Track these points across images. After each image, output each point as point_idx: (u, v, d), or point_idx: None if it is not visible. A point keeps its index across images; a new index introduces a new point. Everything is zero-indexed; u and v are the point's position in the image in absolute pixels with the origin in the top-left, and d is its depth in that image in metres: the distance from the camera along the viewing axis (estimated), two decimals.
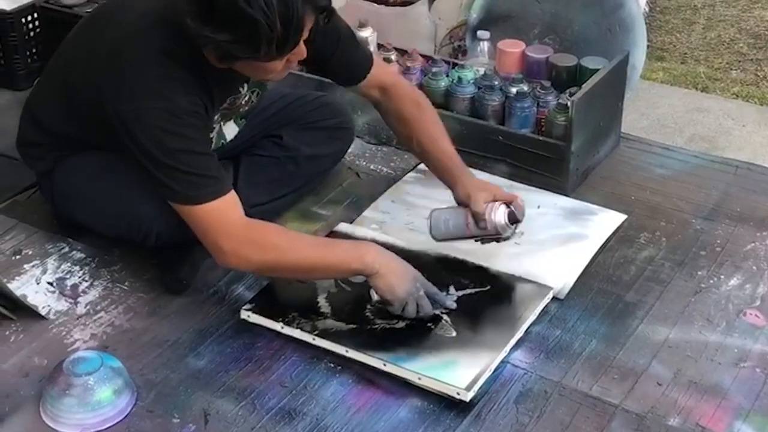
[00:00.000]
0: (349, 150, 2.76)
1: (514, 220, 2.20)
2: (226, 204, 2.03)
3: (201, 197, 2.01)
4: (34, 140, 2.33)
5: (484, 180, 2.33)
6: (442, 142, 2.33)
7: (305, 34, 1.94)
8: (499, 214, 2.20)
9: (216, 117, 2.21)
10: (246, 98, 2.29)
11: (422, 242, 2.36)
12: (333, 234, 2.41)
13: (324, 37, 2.18)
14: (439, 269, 2.28)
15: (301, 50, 1.99)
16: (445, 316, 2.13)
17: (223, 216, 2.03)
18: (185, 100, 2.00)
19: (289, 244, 2.07)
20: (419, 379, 1.98)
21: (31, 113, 2.33)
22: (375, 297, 2.12)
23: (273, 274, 2.18)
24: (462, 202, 2.26)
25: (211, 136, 2.24)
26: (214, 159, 2.07)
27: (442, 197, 2.57)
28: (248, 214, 2.22)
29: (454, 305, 2.13)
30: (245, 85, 2.25)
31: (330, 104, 2.56)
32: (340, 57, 2.27)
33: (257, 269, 2.14)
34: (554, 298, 2.24)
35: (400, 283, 2.06)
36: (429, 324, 2.10)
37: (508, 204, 2.21)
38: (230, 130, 2.33)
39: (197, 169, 2.01)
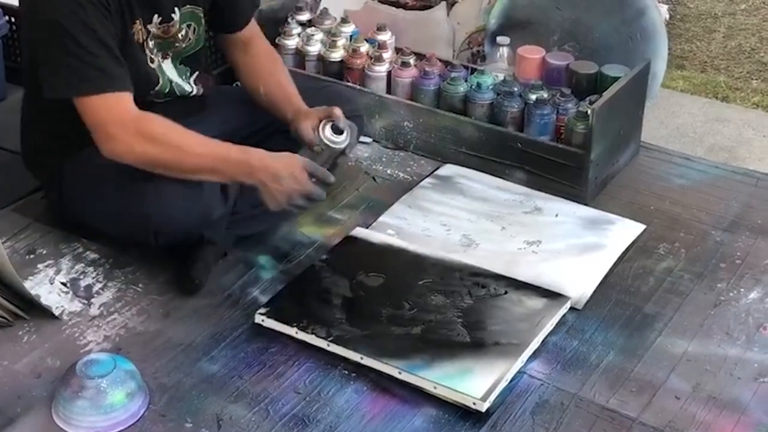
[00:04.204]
0: (366, 154, 2.74)
1: (338, 130, 2.23)
2: (120, 99, 2.06)
3: (89, 89, 2.04)
4: (34, 146, 2.35)
5: (309, 109, 2.31)
6: (284, 82, 2.37)
7: None
8: (324, 131, 2.23)
9: (152, 45, 2.21)
10: (182, 33, 2.27)
11: (438, 249, 2.35)
12: (349, 239, 2.39)
13: None
14: (454, 276, 2.26)
15: None
16: (460, 320, 2.12)
17: (114, 108, 2.05)
18: None
19: (177, 140, 2.09)
20: (435, 388, 1.96)
21: (25, 121, 2.35)
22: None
23: (158, 169, 2.12)
24: (296, 135, 2.28)
25: (153, 66, 2.23)
26: (111, 55, 2.07)
27: (459, 203, 2.56)
28: (261, 212, 2.22)
29: (332, 179, 2.17)
30: (176, 11, 2.23)
31: (339, 93, 2.52)
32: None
33: (141, 161, 2.10)
34: (572, 309, 2.22)
35: (280, 192, 2.09)
36: (443, 330, 2.09)
37: (330, 119, 2.24)
38: (169, 68, 2.30)
39: (89, 59, 2.03)
